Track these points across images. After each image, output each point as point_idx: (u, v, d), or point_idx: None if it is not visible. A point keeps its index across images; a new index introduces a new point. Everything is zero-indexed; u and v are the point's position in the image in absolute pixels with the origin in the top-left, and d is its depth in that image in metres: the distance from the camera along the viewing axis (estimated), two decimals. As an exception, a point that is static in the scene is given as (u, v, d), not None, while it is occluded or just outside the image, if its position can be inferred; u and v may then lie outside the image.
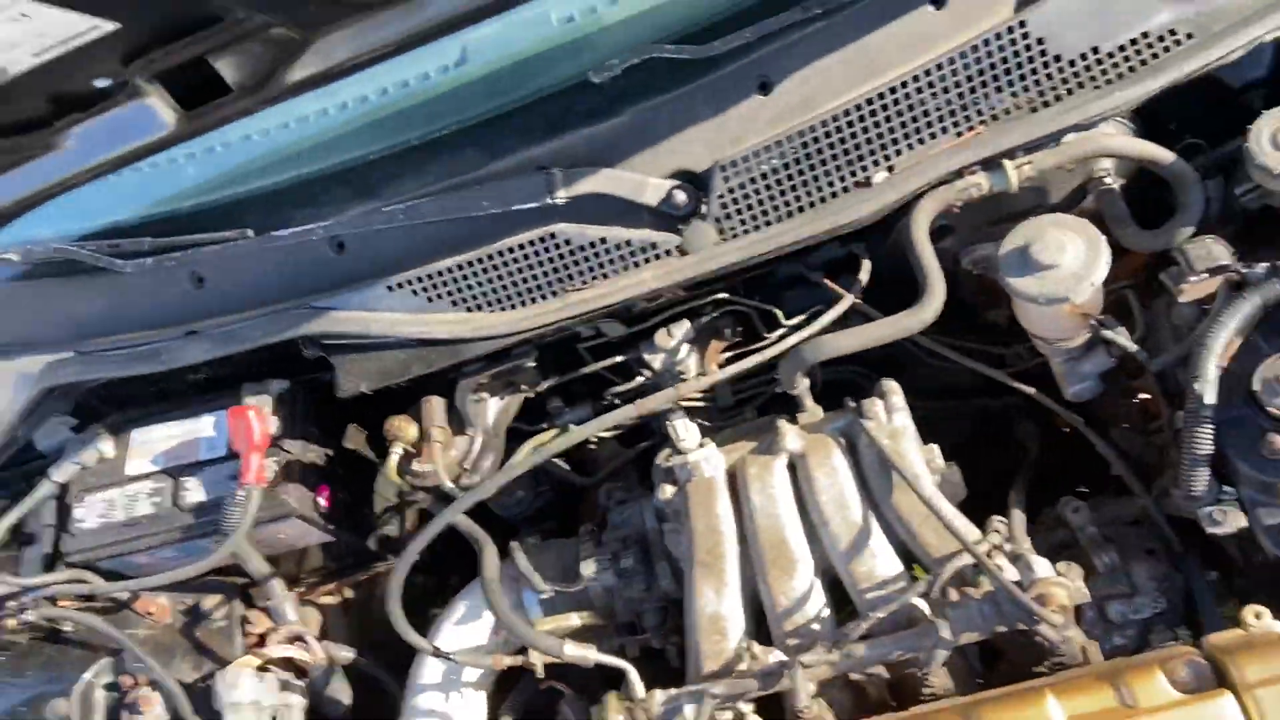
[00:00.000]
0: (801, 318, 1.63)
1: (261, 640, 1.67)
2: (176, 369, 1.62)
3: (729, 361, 1.63)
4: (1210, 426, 1.23)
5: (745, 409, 1.76)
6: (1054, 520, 1.52)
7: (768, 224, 1.44)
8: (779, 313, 1.62)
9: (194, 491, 1.63)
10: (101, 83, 1.25)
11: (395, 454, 1.62)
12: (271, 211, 1.60)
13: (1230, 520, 1.23)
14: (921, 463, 1.43)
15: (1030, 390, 1.51)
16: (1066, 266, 1.31)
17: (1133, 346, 1.38)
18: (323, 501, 1.68)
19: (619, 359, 1.69)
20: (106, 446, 1.69)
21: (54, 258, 1.65)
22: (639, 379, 1.67)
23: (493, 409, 1.69)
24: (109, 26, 1.12)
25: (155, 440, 1.69)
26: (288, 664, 1.65)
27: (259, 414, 1.60)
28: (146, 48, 1.20)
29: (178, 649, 1.65)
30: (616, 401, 1.73)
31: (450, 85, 1.58)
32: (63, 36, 1.10)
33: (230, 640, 1.67)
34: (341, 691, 1.70)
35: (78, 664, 1.64)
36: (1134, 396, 1.57)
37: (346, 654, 1.72)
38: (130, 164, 1.34)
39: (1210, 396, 1.24)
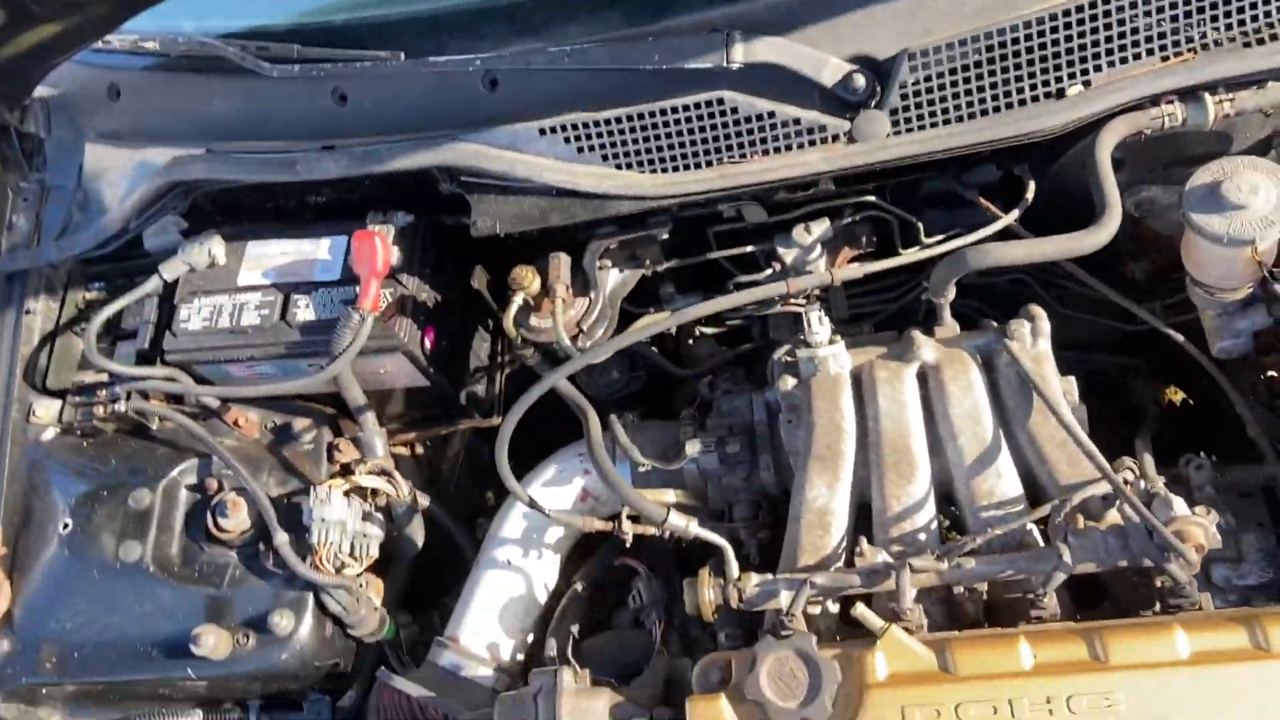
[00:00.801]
0: (944, 236, 1.59)
1: (346, 470, 1.65)
2: (308, 181, 1.59)
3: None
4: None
5: (862, 324, 1.73)
6: (1172, 477, 1.49)
7: (946, 122, 1.40)
8: (921, 226, 1.58)
9: (303, 310, 1.61)
10: None
11: (516, 303, 1.60)
12: (426, 37, 1.56)
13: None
14: (1060, 390, 1.40)
15: (1180, 337, 1.47)
16: (1257, 209, 1.27)
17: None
18: (428, 343, 1.66)
19: (749, 249, 1.66)
20: (219, 252, 1.67)
21: (197, 52, 1.62)
22: (768, 272, 1.63)
23: (613, 278, 1.66)
24: None
25: (270, 255, 1.67)
26: (369, 498, 1.64)
27: (384, 240, 1.57)
28: None
29: (264, 464, 1.64)
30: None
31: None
32: None
33: (317, 464, 1.65)
34: (417, 533, 1.69)
35: (163, 462, 1.63)
36: (1264, 371, 1.54)
37: (424, 499, 1.70)
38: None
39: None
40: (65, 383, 1.71)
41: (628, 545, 1.52)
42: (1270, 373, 1.54)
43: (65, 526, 1.58)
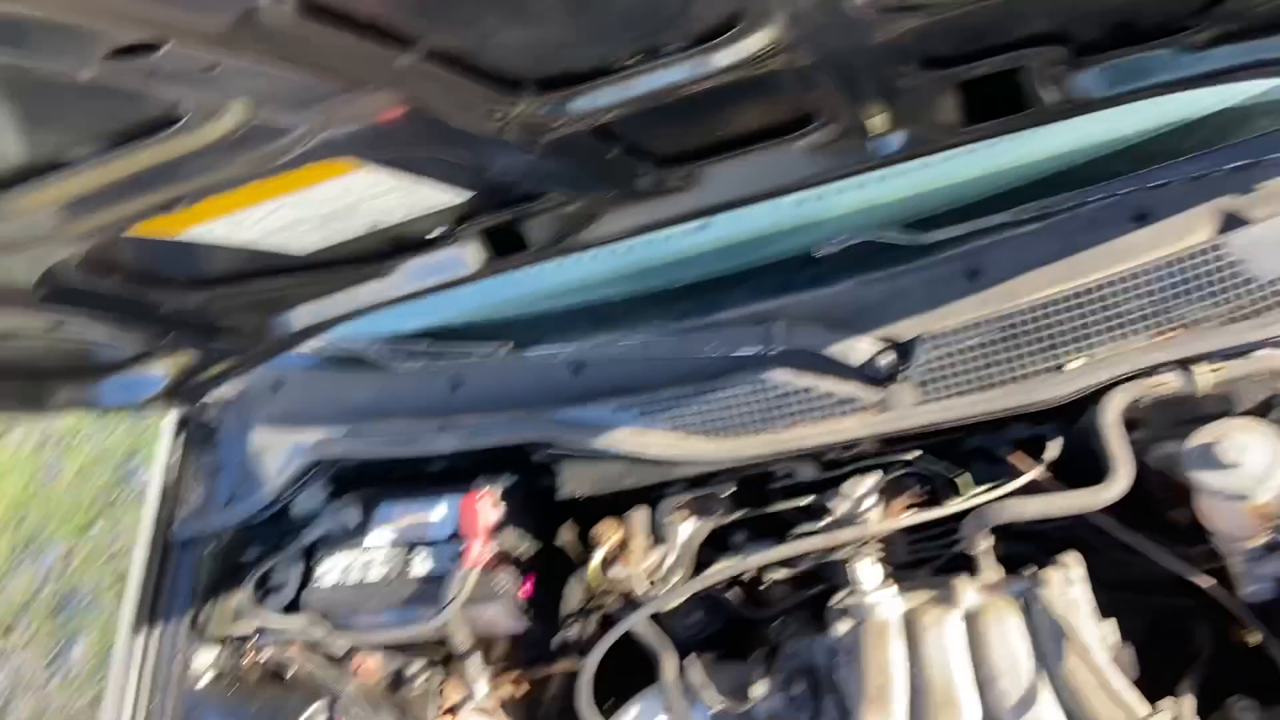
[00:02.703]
0: (983, 489, 1.75)
1: (453, 710, 1.84)
2: (427, 455, 1.89)
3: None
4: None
5: (921, 569, 1.86)
6: (1221, 718, 1.54)
7: (963, 394, 1.60)
8: (970, 476, 1.74)
9: (420, 565, 1.87)
10: (434, 234, 1.57)
11: (599, 555, 1.82)
12: (526, 334, 1.89)
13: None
14: (1095, 635, 1.50)
15: (1211, 580, 1.56)
16: (1249, 467, 1.40)
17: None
18: (526, 592, 1.88)
19: (804, 502, 1.84)
20: (353, 515, 1.96)
21: (342, 354, 1.99)
22: (823, 522, 1.81)
23: (686, 529, 1.86)
24: (465, 197, 1.43)
25: (395, 516, 1.96)
26: (472, 737, 1.82)
27: (487, 503, 1.84)
28: (478, 213, 1.51)
29: (382, 706, 1.85)
30: (799, 542, 1.88)
31: (692, 250, 1.86)
32: (431, 206, 1.41)
33: (427, 705, 1.86)
34: (515, 770, 1.85)
35: (295, 706, 1.87)
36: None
37: (523, 739, 1.87)
38: (435, 293, 1.65)
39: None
40: (224, 633, 1.99)
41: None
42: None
43: (216, 767, 1.82)
